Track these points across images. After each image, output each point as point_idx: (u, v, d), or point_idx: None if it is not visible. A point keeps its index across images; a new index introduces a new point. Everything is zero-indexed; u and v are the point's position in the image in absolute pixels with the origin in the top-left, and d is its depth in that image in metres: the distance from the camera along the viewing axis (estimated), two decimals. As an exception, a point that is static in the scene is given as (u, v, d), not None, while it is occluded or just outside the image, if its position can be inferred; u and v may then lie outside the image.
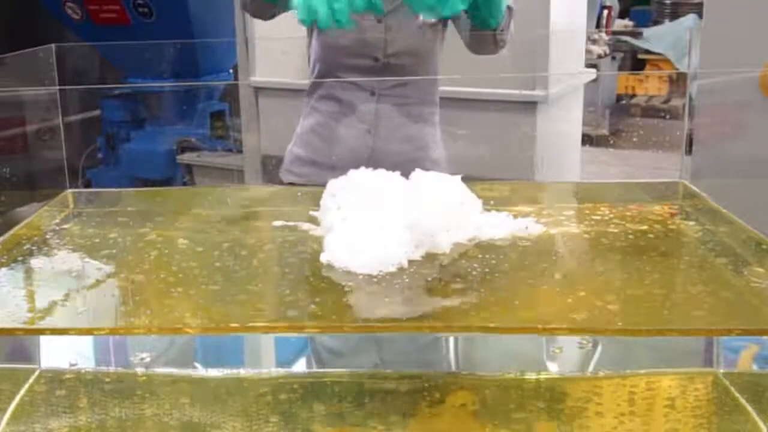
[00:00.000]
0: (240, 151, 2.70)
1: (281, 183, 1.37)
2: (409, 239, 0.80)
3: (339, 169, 0.91)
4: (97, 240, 0.92)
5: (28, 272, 0.85)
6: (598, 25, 4.64)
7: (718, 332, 0.73)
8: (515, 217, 0.91)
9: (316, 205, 0.93)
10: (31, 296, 0.80)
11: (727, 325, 0.69)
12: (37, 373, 0.83)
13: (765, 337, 0.78)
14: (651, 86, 4.23)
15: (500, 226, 0.88)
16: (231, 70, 3.40)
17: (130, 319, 0.73)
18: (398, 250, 0.79)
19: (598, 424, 0.74)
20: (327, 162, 0.92)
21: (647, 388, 0.79)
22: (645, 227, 0.91)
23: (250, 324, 0.71)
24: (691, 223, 0.94)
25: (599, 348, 0.80)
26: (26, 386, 0.81)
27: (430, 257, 0.81)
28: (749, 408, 0.75)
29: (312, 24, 0.97)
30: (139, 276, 0.81)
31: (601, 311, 0.69)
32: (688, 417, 0.75)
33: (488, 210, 0.91)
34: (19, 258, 0.87)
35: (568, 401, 0.78)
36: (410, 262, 0.79)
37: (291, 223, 0.94)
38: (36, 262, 0.87)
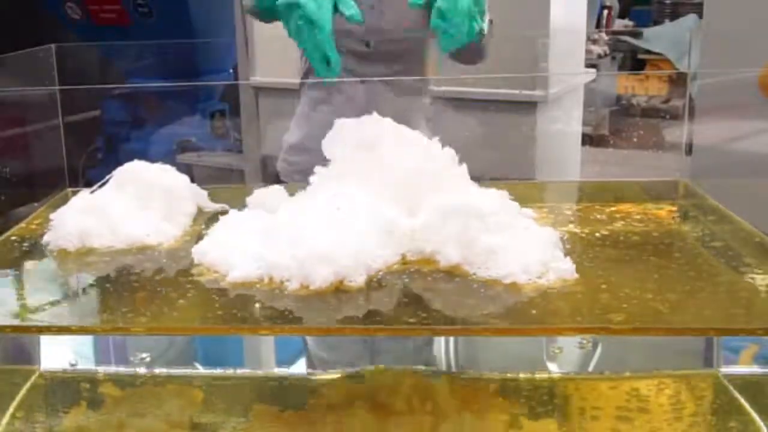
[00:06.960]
0: (240, 151, 2.70)
1: (277, 175, 1.39)
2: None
3: None
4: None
5: (27, 270, 0.85)
6: (598, 25, 4.63)
7: (719, 332, 0.73)
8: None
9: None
10: (29, 294, 0.80)
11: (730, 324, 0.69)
12: (37, 373, 0.83)
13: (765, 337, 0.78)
14: (651, 86, 4.23)
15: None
16: (231, 70, 3.39)
17: (130, 317, 0.73)
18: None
19: (598, 425, 0.74)
20: (318, 148, 0.91)
21: (647, 388, 0.79)
22: (651, 226, 0.91)
23: (250, 324, 0.71)
24: (696, 222, 0.94)
25: (599, 348, 0.80)
26: (26, 386, 0.81)
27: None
28: (749, 408, 0.75)
29: None
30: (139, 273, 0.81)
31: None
32: (688, 417, 0.75)
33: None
34: (18, 255, 0.87)
35: (568, 401, 0.78)
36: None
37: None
38: (34, 260, 0.87)
